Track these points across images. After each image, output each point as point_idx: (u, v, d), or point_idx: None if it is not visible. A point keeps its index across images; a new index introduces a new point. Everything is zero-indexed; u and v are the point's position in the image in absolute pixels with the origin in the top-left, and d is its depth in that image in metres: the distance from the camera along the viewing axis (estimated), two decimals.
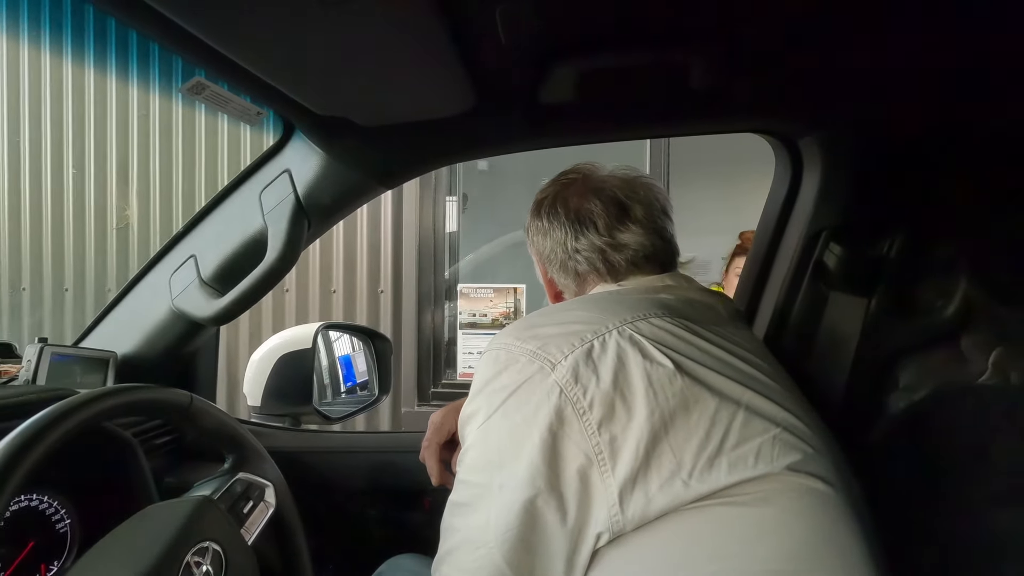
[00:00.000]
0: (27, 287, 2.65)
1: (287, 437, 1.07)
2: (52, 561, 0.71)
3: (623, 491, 0.49)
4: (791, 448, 0.52)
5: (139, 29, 0.51)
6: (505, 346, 0.57)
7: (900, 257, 0.78)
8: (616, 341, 0.54)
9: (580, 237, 0.71)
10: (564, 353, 0.54)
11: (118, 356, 0.90)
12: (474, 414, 0.57)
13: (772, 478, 0.50)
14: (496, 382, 0.56)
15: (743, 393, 0.54)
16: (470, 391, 0.59)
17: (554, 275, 0.76)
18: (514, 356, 0.56)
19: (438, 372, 2.46)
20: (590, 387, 0.52)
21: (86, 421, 0.54)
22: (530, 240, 0.79)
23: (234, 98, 0.68)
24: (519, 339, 0.57)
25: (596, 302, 0.63)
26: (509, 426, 0.54)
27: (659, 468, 0.49)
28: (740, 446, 0.51)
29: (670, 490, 0.49)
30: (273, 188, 0.81)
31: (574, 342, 0.54)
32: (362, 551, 0.97)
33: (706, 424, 0.51)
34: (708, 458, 0.50)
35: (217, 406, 0.74)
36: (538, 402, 0.52)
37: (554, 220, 0.74)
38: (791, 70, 0.68)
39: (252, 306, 0.83)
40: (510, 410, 0.54)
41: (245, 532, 0.67)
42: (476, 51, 0.58)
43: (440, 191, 2.48)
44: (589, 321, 0.57)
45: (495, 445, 0.55)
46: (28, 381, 0.78)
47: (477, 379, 0.59)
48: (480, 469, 0.55)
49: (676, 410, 0.51)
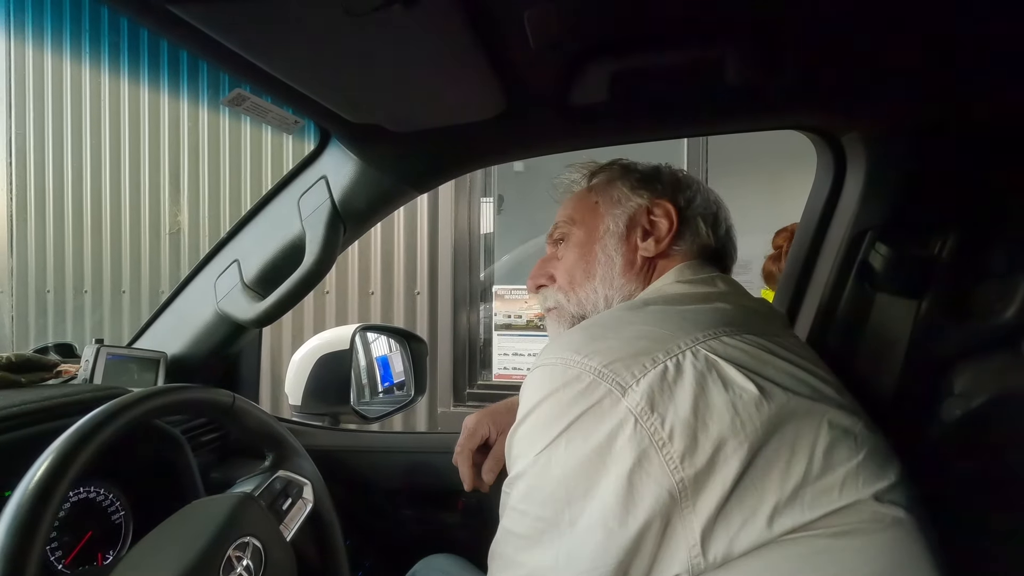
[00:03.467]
0: (88, 290, 2.81)
1: (325, 436, 1.10)
2: (108, 550, 0.75)
3: (705, 531, 0.45)
4: (876, 475, 0.49)
5: (184, 47, 0.53)
6: (563, 361, 0.52)
7: (952, 258, 0.73)
8: (691, 363, 0.49)
9: (720, 216, 0.74)
10: (635, 375, 0.49)
11: (168, 356, 0.95)
12: (530, 437, 0.52)
13: (857, 507, 0.47)
14: (555, 402, 0.50)
15: (824, 411, 0.50)
16: (522, 407, 0.54)
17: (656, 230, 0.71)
18: (575, 374, 0.50)
19: (474, 373, 2.48)
20: (668, 416, 0.47)
21: (136, 419, 0.57)
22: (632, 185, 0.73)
23: (273, 108, 0.70)
24: (580, 353, 0.51)
25: (658, 315, 0.58)
26: (577, 458, 0.48)
27: (741, 505, 0.45)
28: (824, 476, 0.47)
29: (753, 529, 0.45)
30: (310, 194, 0.83)
31: (645, 363, 0.49)
32: (397, 549, 0.98)
33: (787, 454, 0.47)
34: (792, 491, 0.46)
35: (258, 405, 0.77)
36: (610, 432, 0.47)
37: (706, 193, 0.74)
38: (832, 65, 0.65)
39: (292, 308, 0.86)
40: (576, 439, 0.49)
41: (284, 528, 0.69)
42: (505, 56, 0.58)
43: (475, 193, 2.50)
44: (658, 338, 0.52)
45: (560, 477, 0.49)
46: (86, 380, 0.83)
47: (530, 395, 0.53)
48: (543, 502, 0.50)
49: (762, 440, 0.46)
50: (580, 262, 0.73)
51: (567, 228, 0.76)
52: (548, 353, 0.54)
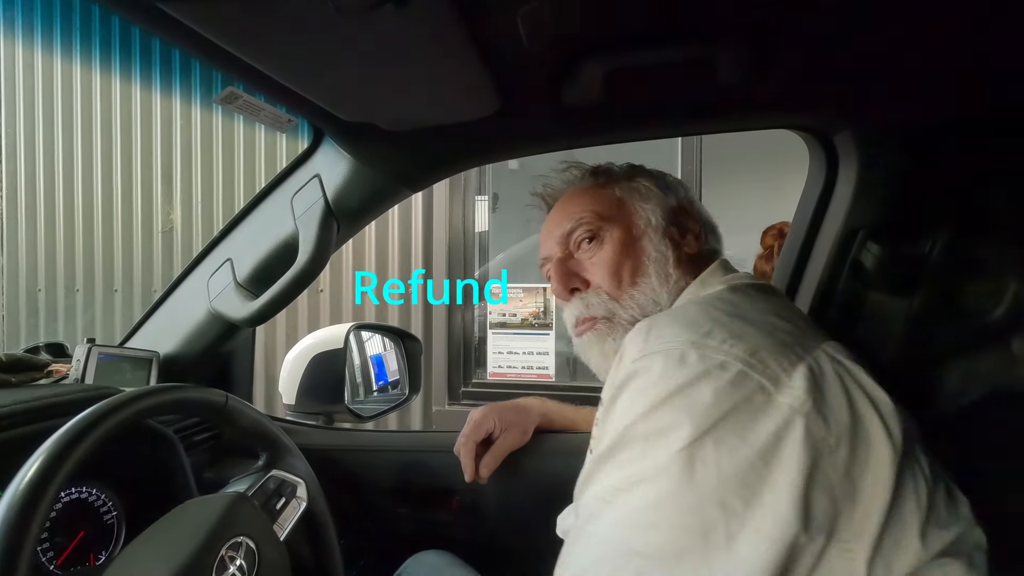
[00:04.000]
0: (80, 289, 2.79)
1: (319, 435, 1.09)
2: (100, 551, 0.74)
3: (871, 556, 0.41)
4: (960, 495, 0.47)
5: (175, 45, 0.53)
6: (695, 346, 0.45)
7: (943, 257, 0.74)
8: (828, 363, 0.45)
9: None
10: (785, 369, 0.44)
11: (160, 356, 0.94)
12: (660, 435, 0.44)
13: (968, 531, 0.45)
14: (695, 395, 0.44)
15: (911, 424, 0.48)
16: (637, 401, 0.46)
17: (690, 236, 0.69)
18: (717, 362, 0.44)
19: (468, 372, 2.47)
20: (830, 419, 0.42)
21: (128, 419, 0.57)
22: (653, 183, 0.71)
23: (266, 107, 0.69)
24: (715, 339, 0.45)
25: (772, 303, 0.53)
26: (734, 461, 0.41)
27: (901, 524, 0.42)
28: (936, 493, 0.44)
29: (908, 549, 0.41)
30: (304, 193, 0.83)
31: (790, 356, 0.44)
32: (391, 548, 0.98)
33: (915, 467, 0.44)
34: (928, 505, 0.42)
35: (252, 405, 0.76)
36: (774, 433, 0.41)
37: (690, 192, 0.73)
38: (824, 64, 0.65)
39: (285, 307, 0.85)
40: (728, 438, 0.42)
41: (278, 528, 0.69)
42: (499, 55, 0.58)
43: (470, 191, 2.49)
44: (790, 332, 0.47)
45: (711, 483, 0.41)
46: (77, 380, 0.82)
47: (657, 385, 0.45)
48: (687, 512, 0.42)
49: (906, 453, 0.43)
50: (626, 260, 0.66)
51: (596, 224, 0.68)
52: (662, 337, 0.47)
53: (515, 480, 0.93)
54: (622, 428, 0.46)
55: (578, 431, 0.99)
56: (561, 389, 2.29)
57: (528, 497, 0.95)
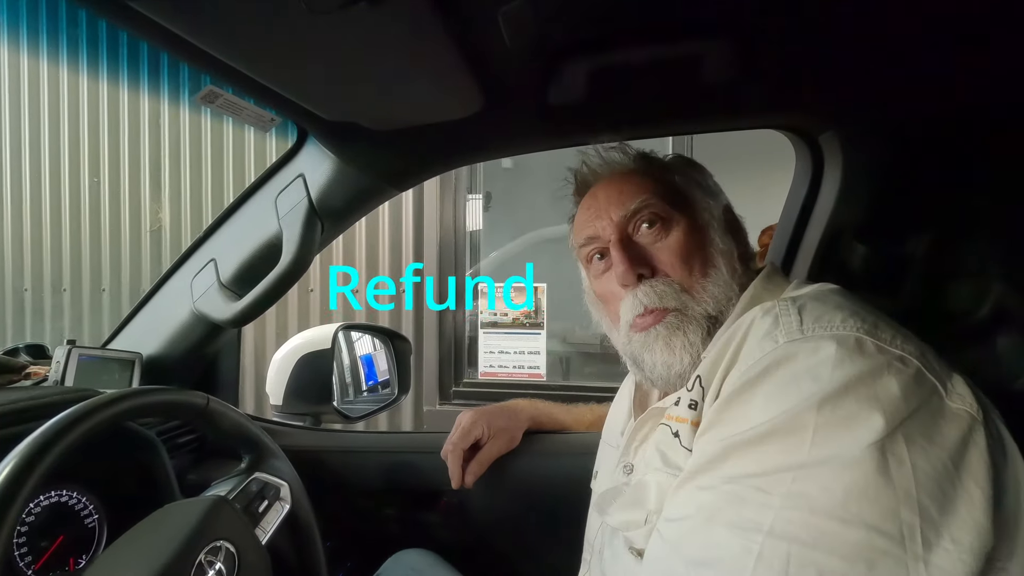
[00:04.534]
0: (67, 288, 2.76)
1: (306, 436, 1.09)
2: (81, 555, 0.73)
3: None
4: None
5: (156, 46, 0.52)
6: (868, 334, 0.43)
7: (927, 256, 0.74)
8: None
9: None
10: (948, 375, 0.42)
11: (143, 357, 0.93)
12: (849, 422, 0.40)
13: None
14: (878, 387, 0.41)
15: None
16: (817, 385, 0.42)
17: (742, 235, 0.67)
18: (897, 356, 0.42)
19: (460, 371, 2.47)
20: (993, 432, 0.41)
21: (105, 422, 0.56)
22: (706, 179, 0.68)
23: (248, 106, 0.69)
24: (883, 331, 0.43)
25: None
26: (928, 461, 0.39)
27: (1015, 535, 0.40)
28: None
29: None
30: (288, 193, 0.82)
31: (936, 364, 0.43)
32: (378, 550, 0.98)
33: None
34: None
35: (234, 407, 0.76)
36: (961, 438, 0.40)
37: None
38: (809, 65, 0.65)
39: (269, 308, 0.85)
40: (916, 436, 0.39)
41: (260, 531, 0.69)
42: (481, 54, 0.57)
43: (461, 189, 2.48)
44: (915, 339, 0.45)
45: (905, 483, 0.39)
46: (57, 382, 0.81)
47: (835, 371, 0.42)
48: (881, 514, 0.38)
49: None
50: (697, 250, 0.61)
51: (663, 209, 0.61)
52: (825, 320, 0.44)
53: (503, 481, 0.93)
54: (784, 412, 0.42)
55: (568, 432, 0.99)
56: (552, 388, 2.29)
57: (516, 498, 0.94)
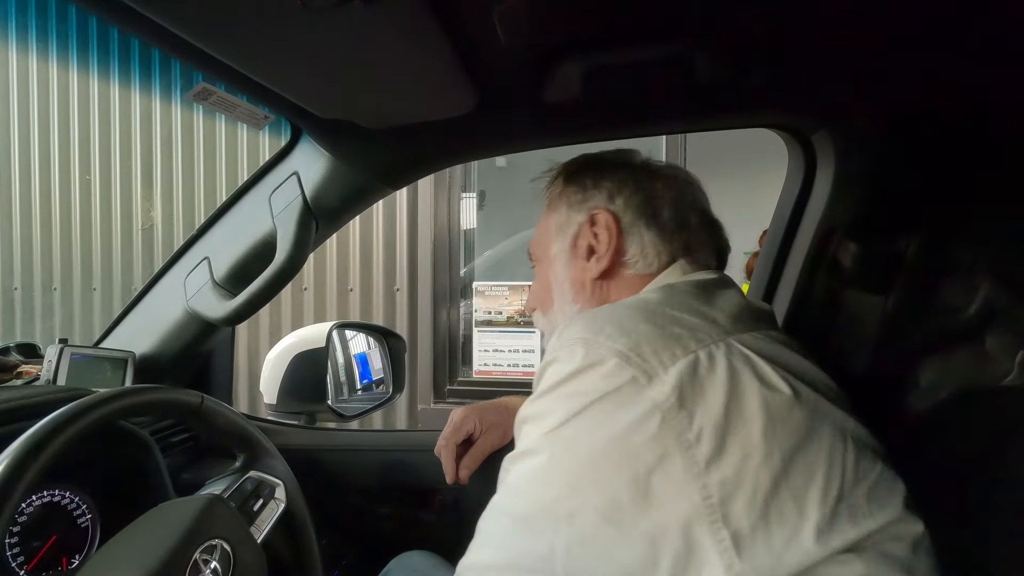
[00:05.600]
0: (58, 287, 2.74)
1: (300, 435, 1.09)
2: (74, 554, 0.73)
3: (742, 546, 0.40)
4: (893, 487, 0.47)
5: (148, 42, 0.52)
6: (583, 340, 0.47)
7: (918, 255, 0.75)
8: (726, 356, 0.45)
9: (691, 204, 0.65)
10: (663, 363, 0.44)
11: (136, 356, 0.93)
12: (542, 415, 0.48)
13: (893, 526, 0.44)
14: (573, 383, 0.46)
15: (846, 418, 0.48)
16: (538, 386, 0.50)
17: (631, 237, 0.62)
18: (598, 354, 0.46)
19: (454, 370, 2.47)
20: (697, 413, 0.42)
21: (98, 421, 0.56)
22: (592, 193, 0.65)
23: (241, 103, 0.68)
24: (601, 333, 0.47)
25: (686, 299, 0.52)
26: (589, 444, 0.44)
27: (782, 519, 0.41)
28: (855, 489, 0.44)
29: (799, 548, 0.40)
30: (282, 191, 0.82)
31: (675, 350, 0.45)
32: (374, 548, 0.98)
33: (824, 464, 0.43)
34: (835, 504, 0.42)
35: (229, 406, 0.75)
36: (631, 424, 0.43)
37: (662, 172, 0.65)
38: (801, 64, 0.66)
39: (263, 307, 0.84)
40: (590, 423, 0.44)
41: (255, 530, 0.69)
42: (476, 52, 0.57)
43: (455, 188, 2.48)
44: (691, 326, 0.47)
45: (567, 461, 0.45)
46: (49, 381, 0.81)
47: (547, 376, 0.48)
48: (544, 483, 0.46)
49: (796, 448, 0.43)
50: (543, 289, 0.69)
51: (533, 252, 0.73)
52: (571, 331, 0.49)
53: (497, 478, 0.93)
54: (525, 407, 0.51)
55: None
56: None
57: None
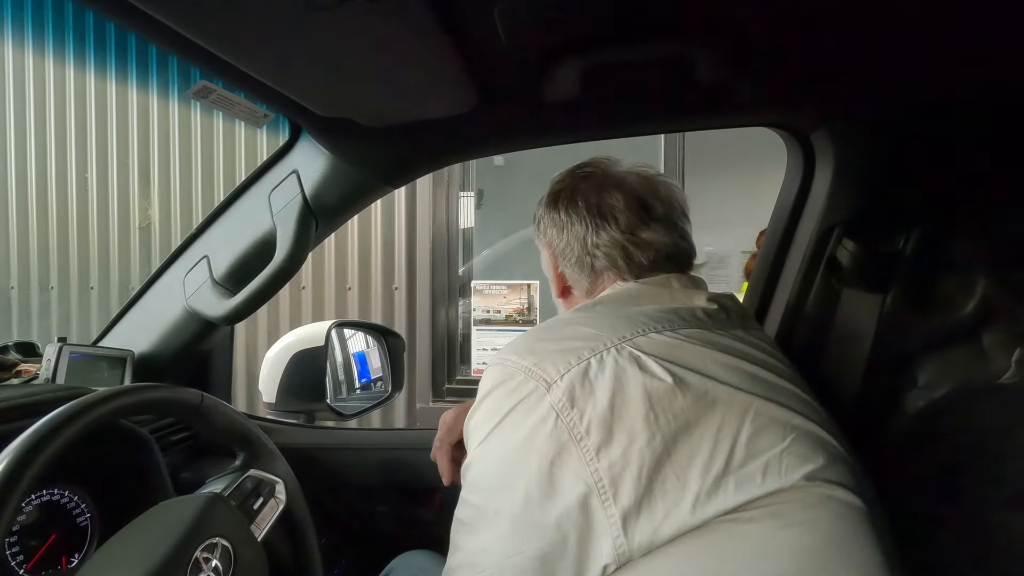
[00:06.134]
0: (55, 286, 2.73)
1: (300, 433, 1.09)
2: (73, 554, 0.73)
3: (627, 520, 0.47)
4: (804, 458, 0.50)
5: (146, 38, 0.52)
6: (503, 361, 0.56)
7: (916, 253, 0.75)
8: (614, 359, 0.52)
9: (601, 232, 0.68)
10: (560, 372, 0.52)
11: (135, 355, 0.92)
12: (476, 429, 0.56)
13: (785, 491, 0.48)
14: (494, 398, 0.55)
15: (751, 401, 0.52)
16: (475, 402, 0.58)
17: (566, 270, 0.72)
18: (510, 372, 0.54)
19: (452, 368, 2.47)
20: (587, 410, 0.49)
21: (98, 420, 0.56)
22: (540, 233, 0.76)
23: (241, 101, 0.68)
24: (516, 353, 0.55)
25: (596, 316, 0.60)
26: (504, 450, 0.52)
27: (663, 494, 0.47)
28: (747, 464, 0.48)
29: (676, 516, 0.47)
30: (281, 189, 0.82)
31: (570, 360, 0.52)
32: (373, 547, 0.98)
33: (710, 444, 0.49)
34: (714, 479, 0.47)
35: (228, 404, 0.75)
36: (534, 427, 0.50)
37: (573, 213, 0.70)
38: (800, 63, 0.66)
39: (263, 305, 0.84)
40: (506, 432, 0.52)
41: (255, 528, 0.68)
42: (476, 51, 0.57)
43: (454, 187, 2.48)
44: (587, 337, 0.54)
45: (491, 468, 0.53)
46: (48, 380, 0.81)
47: (479, 392, 0.57)
48: (477, 490, 0.54)
49: (678, 431, 0.49)
50: None
51: None
52: (498, 354, 0.58)
53: None
54: (465, 424, 0.59)
55: None
56: None
57: None
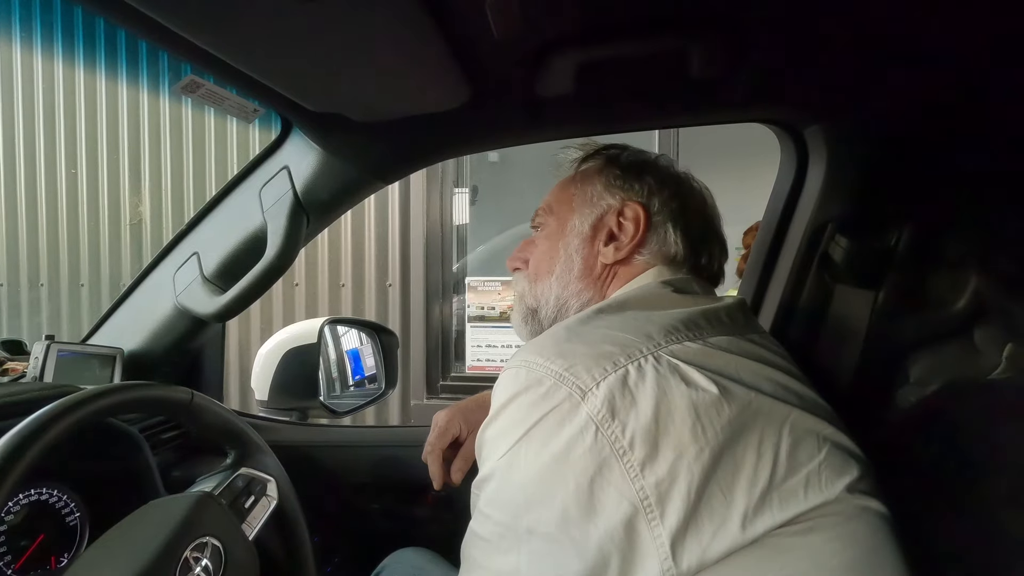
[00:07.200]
0: (45, 283, 2.70)
1: (292, 431, 1.08)
2: (62, 553, 0.72)
3: (675, 541, 0.44)
4: (840, 470, 0.49)
5: (133, 32, 0.51)
6: (527, 364, 0.51)
7: (908, 250, 0.76)
8: (654, 366, 0.49)
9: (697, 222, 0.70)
10: (595, 379, 0.48)
11: (124, 352, 0.91)
12: (495, 439, 0.52)
13: (829, 504, 0.47)
14: (518, 406, 0.50)
15: (788, 412, 0.50)
16: (491, 409, 0.54)
17: (628, 228, 0.67)
18: (537, 376, 0.50)
19: (447, 365, 2.47)
20: (629, 422, 0.46)
21: (85, 419, 0.55)
22: (647, 184, 0.69)
23: (230, 95, 0.67)
24: (543, 356, 0.51)
25: (626, 320, 0.56)
26: (537, 463, 0.48)
27: (711, 513, 0.44)
28: (789, 478, 0.46)
29: (725, 535, 0.44)
30: (272, 185, 0.81)
31: (606, 366, 0.49)
32: (367, 545, 0.98)
33: (753, 458, 0.46)
34: (760, 495, 0.45)
35: (219, 402, 0.75)
36: (570, 439, 0.47)
37: (694, 183, 0.72)
38: (794, 59, 0.66)
39: (254, 302, 0.84)
40: (536, 443, 0.48)
41: (247, 527, 0.68)
42: (467, 45, 0.57)
43: (448, 183, 2.47)
44: (621, 342, 0.51)
45: (520, 482, 0.49)
46: (35, 378, 0.80)
47: (497, 398, 0.53)
48: (503, 506, 0.50)
49: (725, 444, 0.46)
50: (545, 256, 0.72)
51: (543, 217, 0.74)
52: (517, 356, 0.54)
53: None
54: (482, 432, 0.54)
55: None
56: None
57: None
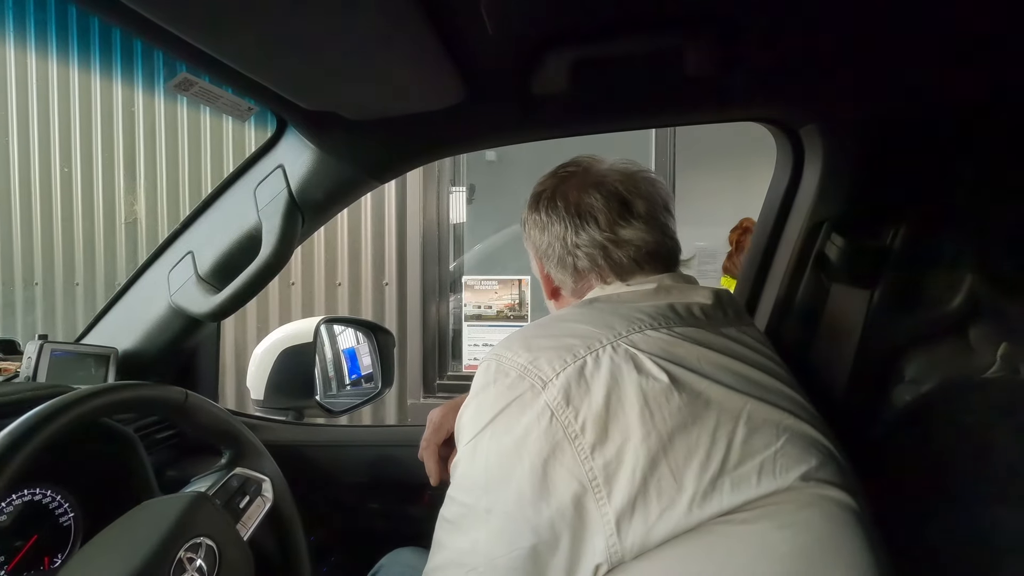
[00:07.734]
0: (39, 282, 2.69)
1: (287, 431, 1.08)
2: (56, 554, 0.72)
3: (620, 519, 0.46)
4: (797, 459, 0.50)
5: (126, 30, 0.50)
6: (496, 357, 0.55)
7: (903, 249, 0.76)
8: (610, 356, 0.51)
9: (580, 232, 0.67)
10: (555, 370, 0.51)
11: (119, 352, 0.91)
12: (466, 426, 0.56)
13: (781, 492, 0.48)
14: (486, 396, 0.54)
15: (745, 403, 0.52)
16: (466, 400, 0.58)
17: (551, 271, 0.72)
18: (504, 369, 0.54)
19: (443, 364, 2.47)
20: (582, 408, 0.49)
21: (78, 419, 0.55)
22: (527, 234, 0.76)
23: (224, 94, 0.67)
24: (511, 350, 0.55)
25: (592, 313, 0.59)
26: (497, 448, 0.51)
27: (659, 494, 0.47)
28: (742, 465, 0.48)
29: (671, 517, 0.46)
30: (267, 184, 0.81)
31: (566, 358, 0.52)
32: (363, 544, 0.98)
33: (706, 443, 0.48)
34: (711, 480, 0.47)
35: (214, 402, 0.75)
36: (528, 424, 0.50)
37: (553, 214, 0.70)
38: (790, 57, 0.66)
39: (249, 302, 0.83)
40: (499, 430, 0.52)
41: (241, 527, 0.68)
42: (463, 43, 0.57)
43: (445, 182, 2.47)
44: (583, 335, 0.54)
45: (482, 466, 0.52)
46: (28, 378, 0.79)
47: (472, 389, 0.57)
48: (467, 489, 0.53)
49: (675, 430, 0.48)
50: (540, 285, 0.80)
51: None
52: (491, 351, 0.57)
53: None
54: (456, 420, 0.58)
55: None
56: None
57: None
